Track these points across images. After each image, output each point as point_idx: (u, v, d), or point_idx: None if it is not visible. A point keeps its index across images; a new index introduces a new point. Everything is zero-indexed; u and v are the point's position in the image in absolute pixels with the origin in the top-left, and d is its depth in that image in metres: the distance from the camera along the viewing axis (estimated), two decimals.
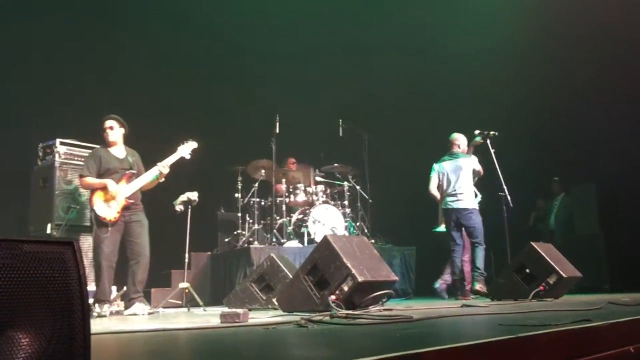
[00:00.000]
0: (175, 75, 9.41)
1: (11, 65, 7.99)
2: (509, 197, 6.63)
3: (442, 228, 7.35)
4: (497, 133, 6.78)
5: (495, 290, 6.02)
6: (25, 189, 6.82)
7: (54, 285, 1.27)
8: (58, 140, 6.48)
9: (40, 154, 6.61)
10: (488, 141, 6.76)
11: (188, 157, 6.04)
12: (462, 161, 6.93)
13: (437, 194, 7.07)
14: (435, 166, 7.09)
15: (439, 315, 3.50)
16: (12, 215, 7.51)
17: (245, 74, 9.95)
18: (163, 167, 5.85)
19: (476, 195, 7.19)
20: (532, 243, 5.70)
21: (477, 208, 6.95)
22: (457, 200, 6.87)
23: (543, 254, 5.56)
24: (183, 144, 6.06)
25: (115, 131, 5.88)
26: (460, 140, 7.08)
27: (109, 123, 5.88)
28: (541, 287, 5.38)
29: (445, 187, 6.98)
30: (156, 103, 9.08)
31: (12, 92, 7.87)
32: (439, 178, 7.03)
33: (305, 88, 10.05)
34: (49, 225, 6.24)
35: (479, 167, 6.92)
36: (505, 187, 6.64)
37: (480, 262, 6.69)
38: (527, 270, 5.63)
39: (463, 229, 6.92)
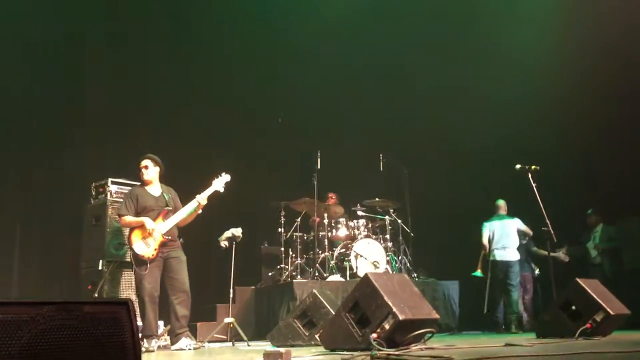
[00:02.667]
0: (219, 114, 9.72)
1: (67, 109, 8.45)
2: (552, 232, 6.53)
3: (479, 273, 8.47)
4: (538, 167, 6.73)
5: (541, 327, 5.91)
6: (79, 226, 7.14)
7: (110, 342, 1.40)
8: (110, 180, 6.77)
9: (93, 192, 6.91)
10: (529, 175, 6.70)
11: (222, 190, 6.11)
12: (507, 222, 8.33)
13: (487, 245, 8.35)
14: (486, 224, 8.44)
15: (480, 356, 3.49)
16: (67, 251, 7.85)
17: (286, 112, 10.19)
18: (202, 198, 5.97)
19: (534, 270, 8.98)
20: (577, 279, 5.59)
21: (519, 259, 8.27)
22: (503, 253, 8.21)
23: (589, 290, 5.45)
24: (217, 177, 6.15)
25: (150, 170, 6.03)
26: (505, 205, 8.49)
27: (144, 162, 6.04)
28: (588, 325, 5.25)
29: (493, 241, 8.28)
30: (199, 142, 9.39)
31: (68, 135, 8.30)
32: (489, 233, 8.37)
33: (345, 123, 10.21)
34: (100, 262, 6.49)
35: (524, 227, 8.28)
36: (548, 222, 6.56)
37: (515, 305, 7.99)
38: (573, 307, 5.50)
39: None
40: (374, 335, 4.16)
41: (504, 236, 8.21)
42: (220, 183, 6.12)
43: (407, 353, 3.70)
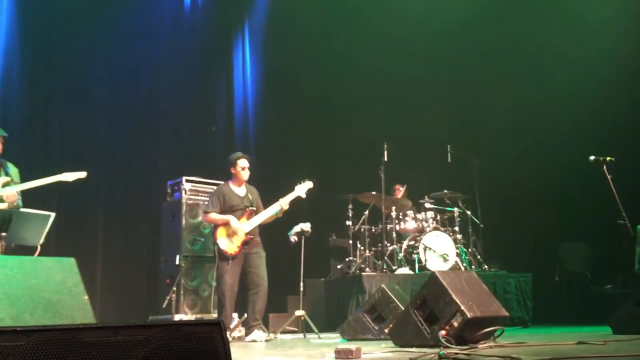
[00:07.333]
0: (287, 110, 9.94)
1: (144, 114, 8.88)
2: (629, 225, 6.30)
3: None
4: (613, 159, 6.48)
5: (617, 323, 5.73)
6: (157, 222, 7.52)
7: (206, 358, 1.64)
8: (184, 178, 7.10)
9: (169, 191, 7.27)
10: (604, 167, 6.47)
11: (304, 196, 6.39)
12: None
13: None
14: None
15: (552, 356, 3.47)
16: (146, 247, 8.28)
17: (354, 105, 10.27)
18: (284, 203, 6.21)
19: None
20: None
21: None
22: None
23: None
24: (300, 183, 6.39)
25: (248, 171, 6.30)
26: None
27: (247, 163, 6.30)
28: None
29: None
30: (271, 139, 9.65)
31: (143, 140, 8.73)
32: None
33: (413, 114, 10.17)
34: (177, 257, 6.83)
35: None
36: (624, 215, 6.32)
37: None
38: None
39: None
40: (443, 332, 4.21)
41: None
42: (302, 189, 6.38)
43: (475, 352, 3.73)
